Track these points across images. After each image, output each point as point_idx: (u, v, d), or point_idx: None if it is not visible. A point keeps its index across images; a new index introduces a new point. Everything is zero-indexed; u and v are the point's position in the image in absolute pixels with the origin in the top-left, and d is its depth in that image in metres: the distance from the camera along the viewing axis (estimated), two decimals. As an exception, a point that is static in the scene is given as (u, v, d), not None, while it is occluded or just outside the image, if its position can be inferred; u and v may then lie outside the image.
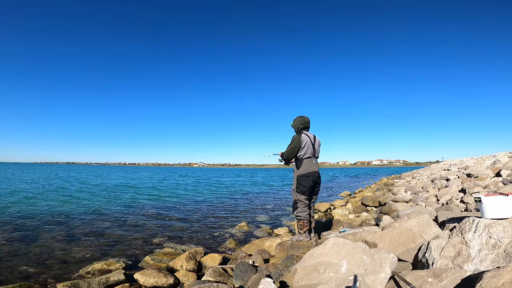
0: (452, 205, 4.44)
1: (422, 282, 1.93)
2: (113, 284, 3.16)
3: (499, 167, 7.18)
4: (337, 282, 2.10)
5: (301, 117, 4.06)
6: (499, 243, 2.03)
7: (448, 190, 5.83)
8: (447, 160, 28.42)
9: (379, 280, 2.14)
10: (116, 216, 7.79)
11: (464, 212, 3.85)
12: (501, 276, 1.60)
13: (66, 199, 11.10)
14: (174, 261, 3.80)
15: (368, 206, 7.51)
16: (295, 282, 2.38)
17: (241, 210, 9.25)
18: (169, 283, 3.16)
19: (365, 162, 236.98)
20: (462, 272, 1.91)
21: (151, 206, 9.86)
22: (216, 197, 12.87)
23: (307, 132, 4.02)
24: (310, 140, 3.93)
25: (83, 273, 3.58)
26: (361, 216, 6.07)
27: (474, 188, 5.08)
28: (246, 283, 2.69)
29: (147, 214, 8.12)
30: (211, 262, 3.81)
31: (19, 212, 8.04)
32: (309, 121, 4.07)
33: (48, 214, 7.74)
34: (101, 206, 9.59)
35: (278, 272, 2.92)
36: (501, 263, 1.93)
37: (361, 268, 2.25)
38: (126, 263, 3.97)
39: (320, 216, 7.55)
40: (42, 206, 9.25)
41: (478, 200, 2.36)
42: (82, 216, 7.59)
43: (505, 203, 2.25)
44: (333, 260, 2.36)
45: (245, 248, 4.41)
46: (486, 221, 2.20)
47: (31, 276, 3.52)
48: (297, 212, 3.91)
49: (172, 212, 8.63)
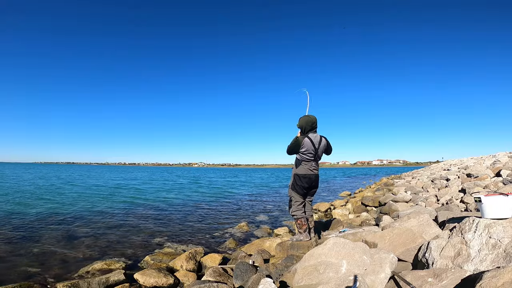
0: (452, 205, 4.44)
1: (422, 282, 1.93)
2: (113, 284, 3.15)
3: (499, 167, 7.18)
4: (337, 282, 2.10)
5: (307, 117, 3.82)
6: (499, 243, 2.03)
7: (448, 190, 5.83)
8: (447, 160, 28.43)
9: (379, 280, 2.14)
10: (116, 216, 7.79)
11: (464, 212, 3.86)
12: (501, 276, 1.60)
13: (66, 199, 11.10)
14: (174, 261, 3.80)
15: (368, 206, 7.51)
16: (295, 282, 2.38)
17: (241, 210, 9.25)
18: (169, 283, 3.16)
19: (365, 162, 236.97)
20: (462, 272, 1.91)
21: (151, 206, 9.85)
22: (216, 197, 12.87)
23: (313, 134, 3.80)
24: (313, 145, 3.75)
25: (83, 273, 3.58)
26: (361, 216, 6.07)
27: (474, 188, 5.08)
28: (246, 283, 2.68)
29: (147, 214, 8.12)
30: (211, 262, 3.80)
31: (19, 212, 8.03)
32: (315, 121, 3.81)
33: (48, 214, 7.74)
34: (101, 206, 9.59)
35: (278, 272, 2.92)
36: (501, 263, 1.93)
37: (361, 268, 2.25)
38: (126, 263, 3.97)
39: (320, 216, 7.55)
40: (42, 206, 9.24)
41: (478, 200, 2.36)
42: (82, 216, 7.59)
43: (505, 203, 2.25)
44: (333, 260, 2.36)
45: (245, 248, 4.40)
46: (486, 221, 2.20)
47: (31, 276, 3.52)
48: (292, 211, 3.90)
49: (172, 212, 8.63)
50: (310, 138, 3.77)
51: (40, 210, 8.45)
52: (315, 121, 3.83)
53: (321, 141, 3.85)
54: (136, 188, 17.26)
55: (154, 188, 17.48)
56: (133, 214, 8.09)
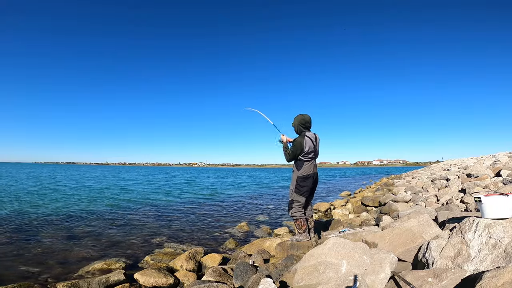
0: (452, 205, 4.43)
1: (422, 282, 1.93)
2: (113, 284, 3.15)
3: (499, 167, 7.18)
4: (337, 282, 2.10)
5: (301, 116, 3.85)
6: (499, 243, 2.03)
7: (448, 190, 5.83)
8: (447, 160, 28.43)
9: (379, 280, 2.14)
10: (116, 216, 7.79)
11: (464, 212, 3.86)
12: (501, 276, 1.60)
13: (66, 199, 11.10)
14: (174, 261, 3.80)
15: (368, 206, 7.51)
16: (295, 282, 2.38)
17: (241, 210, 9.25)
18: (169, 283, 3.16)
19: (365, 162, 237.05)
20: (462, 272, 1.91)
21: (151, 206, 9.85)
22: (216, 198, 12.87)
23: (309, 133, 3.83)
24: (312, 142, 3.78)
25: (83, 273, 3.58)
26: (361, 216, 6.07)
27: (474, 188, 5.08)
28: (246, 283, 2.68)
29: (147, 214, 8.12)
30: (211, 262, 3.80)
31: (19, 212, 8.03)
32: (310, 120, 3.85)
33: (48, 214, 7.74)
34: (101, 206, 9.59)
35: (278, 272, 2.92)
36: (501, 263, 1.93)
37: (361, 268, 2.25)
38: (126, 263, 3.97)
39: (320, 216, 7.55)
40: (42, 206, 9.24)
41: (478, 200, 2.36)
42: (82, 216, 7.59)
43: (505, 203, 2.25)
44: (333, 260, 2.36)
45: (245, 248, 4.40)
46: (486, 221, 2.20)
47: (31, 276, 3.52)
48: (292, 212, 3.87)
49: (172, 212, 8.63)
50: (308, 136, 3.78)
51: (40, 210, 8.45)
52: (309, 120, 3.86)
53: (317, 138, 3.90)
54: (136, 189, 17.26)
55: (154, 188, 17.48)
56: (133, 214, 8.09)
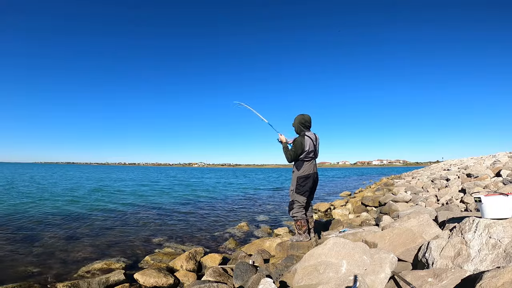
0: (452, 205, 4.43)
1: (422, 282, 1.93)
2: (113, 284, 3.15)
3: (499, 167, 7.18)
4: (337, 282, 2.10)
5: (301, 116, 3.87)
6: (499, 243, 2.03)
7: (448, 190, 5.83)
8: (447, 160, 28.42)
9: (379, 280, 2.14)
10: (116, 216, 7.79)
11: (464, 212, 3.85)
12: (501, 276, 1.60)
13: (66, 199, 11.10)
14: (174, 261, 3.80)
15: (368, 206, 7.51)
16: (295, 282, 2.38)
17: (241, 210, 9.25)
18: (169, 283, 3.16)
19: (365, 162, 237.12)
20: (462, 272, 1.91)
21: (151, 206, 9.85)
22: (216, 198, 12.87)
23: (309, 132, 3.85)
24: (313, 142, 3.80)
25: (83, 273, 3.58)
26: (361, 216, 6.07)
27: (474, 188, 5.08)
28: (246, 283, 2.68)
29: (147, 214, 8.12)
30: (211, 262, 3.80)
31: (19, 212, 8.03)
32: (310, 120, 3.88)
33: (47, 214, 7.74)
34: (101, 206, 9.58)
35: (278, 272, 2.92)
36: (501, 263, 1.93)
37: (361, 268, 2.25)
38: (126, 263, 3.97)
39: (320, 216, 7.55)
40: (42, 206, 9.24)
41: (478, 200, 2.36)
42: (82, 216, 7.59)
43: (505, 203, 2.25)
44: (333, 260, 2.36)
45: (245, 248, 4.40)
46: (486, 221, 2.20)
47: (31, 276, 3.52)
48: (293, 212, 3.87)
49: (172, 212, 8.63)
50: (308, 136, 3.79)
51: (40, 210, 8.45)
52: (309, 120, 3.89)
53: (317, 138, 3.91)
54: (136, 189, 17.26)
55: (154, 189, 17.48)
56: (133, 214, 8.08)
